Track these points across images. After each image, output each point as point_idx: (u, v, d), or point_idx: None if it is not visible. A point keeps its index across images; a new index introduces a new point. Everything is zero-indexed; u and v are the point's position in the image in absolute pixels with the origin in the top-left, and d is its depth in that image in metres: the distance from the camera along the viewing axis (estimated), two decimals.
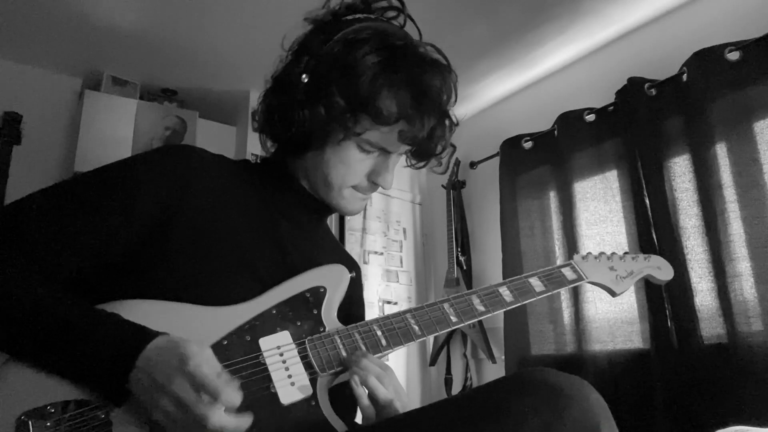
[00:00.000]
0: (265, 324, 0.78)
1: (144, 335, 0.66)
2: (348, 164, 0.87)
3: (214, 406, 0.60)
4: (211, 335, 0.74)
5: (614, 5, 2.06)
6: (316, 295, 0.84)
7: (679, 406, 1.71)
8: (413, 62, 0.84)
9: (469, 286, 2.54)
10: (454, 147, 0.96)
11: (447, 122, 0.90)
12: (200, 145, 2.73)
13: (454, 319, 0.89)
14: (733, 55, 1.78)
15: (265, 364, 0.75)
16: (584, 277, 1.04)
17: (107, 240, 0.75)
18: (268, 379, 0.74)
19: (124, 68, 2.49)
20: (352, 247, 2.66)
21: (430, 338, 2.79)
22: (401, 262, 2.87)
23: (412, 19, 0.92)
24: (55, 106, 2.48)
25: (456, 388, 2.60)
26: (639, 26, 2.20)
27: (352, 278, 0.90)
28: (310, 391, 0.75)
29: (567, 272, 1.03)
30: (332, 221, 2.65)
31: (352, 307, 0.99)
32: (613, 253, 1.11)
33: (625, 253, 1.12)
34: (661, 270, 1.13)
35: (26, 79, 2.43)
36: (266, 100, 0.90)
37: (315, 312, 0.82)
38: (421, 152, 0.93)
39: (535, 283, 0.98)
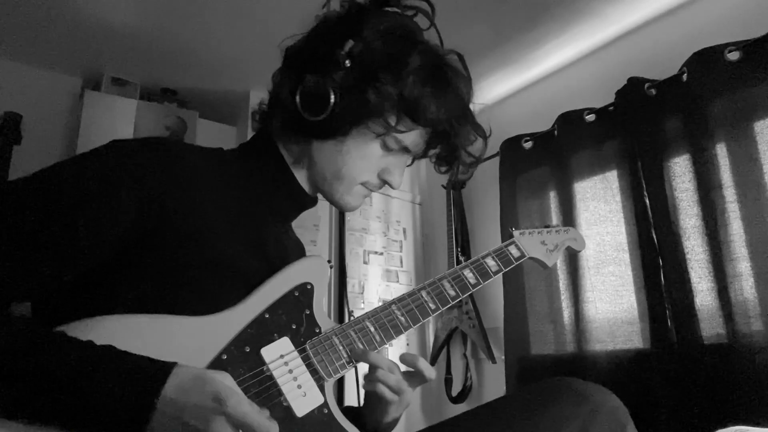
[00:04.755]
0: (261, 331, 0.74)
1: (157, 373, 0.58)
2: (367, 160, 0.85)
3: None
4: (207, 350, 0.69)
5: (614, 5, 2.06)
6: (305, 292, 0.81)
7: (679, 406, 1.71)
8: (453, 69, 0.86)
9: None
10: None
11: (479, 132, 0.92)
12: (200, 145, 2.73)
13: (432, 306, 0.89)
14: (733, 55, 1.77)
15: (273, 377, 0.72)
16: (526, 254, 1.08)
17: (75, 258, 0.66)
18: (280, 393, 0.71)
19: (124, 68, 2.49)
20: (352, 247, 2.66)
21: (430, 338, 2.79)
22: (401, 262, 2.87)
23: (436, 28, 0.91)
24: (55, 106, 2.48)
25: (456, 388, 2.60)
26: (639, 26, 2.20)
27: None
28: (321, 399, 0.74)
29: (512, 250, 1.06)
30: (332, 220, 2.65)
31: None
32: (542, 227, 1.17)
33: (546, 225, 1.18)
34: (577, 241, 1.22)
35: (26, 79, 2.43)
36: (294, 75, 0.82)
37: (308, 312, 0.80)
38: (452, 159, 0.93)
39: (491, 263, 1.00)
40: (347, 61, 0.79)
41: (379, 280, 2.72)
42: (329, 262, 0.89)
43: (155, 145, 0.75)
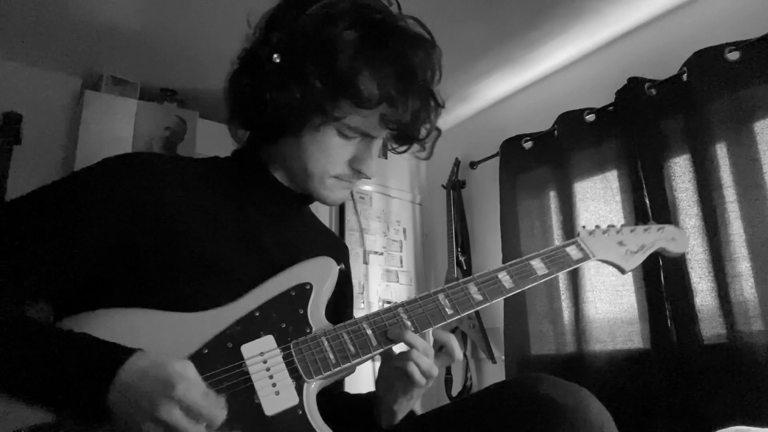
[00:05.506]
0: (247, 328, 0.73)
1: (117, 355, 0.62)
2: (328, 152, 0.81)
3: (204, 428, 0.60)
4: (190, 344, 0.70)
5: (614, 5, 2.06)
6: (302, 293, 0.78)
7: (679, 406, 1.71)
8: (395, 38, 0.78)
9: None
10: (439, 131, 0.88)
11: (432, 104, 0.83)
12: (200, 145, 2.75)
13: (449, 311, 0.82)
14: (733, 55, 1.77)
15: (248, 373, 0.71)
16: (591, 256, 0.95)
17: (61, 270, 0.71)
18: (252, 389, 0.70)
19: (124, 68, 2.49)
20: (352, 247, 2.66)
21: (430, 338, 2.78)
22: (401, 262, 2.87)
23: None
24: (55, 106, 2.48)
25: (456, 388, 2.60)
26: (639, 26, 2.19)
27: (341, 270, 0.84)
28: (296, 400, 0.71)
29: (572, 251, 0.95)
30: (332, 221, 2.65)
31: (341, 299, 0.93)
32: (623, 226, 1.02)
33: (637, 224, 1.03)
34: (676, 241, 1.02)
35: (26, 79, 2.43)
36: (233, 83, 0.83)
37: (301, 312, 0.77)
38: (404, 136, 0.85)
39: (537, 265, 0.90)
40: (275, 56, 0.76)
41: (379, 280, 2.72)
42: (339, 264, 0.85)
43: (138, 159, 0.79)
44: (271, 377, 0.72)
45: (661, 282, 1.84)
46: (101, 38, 2.26)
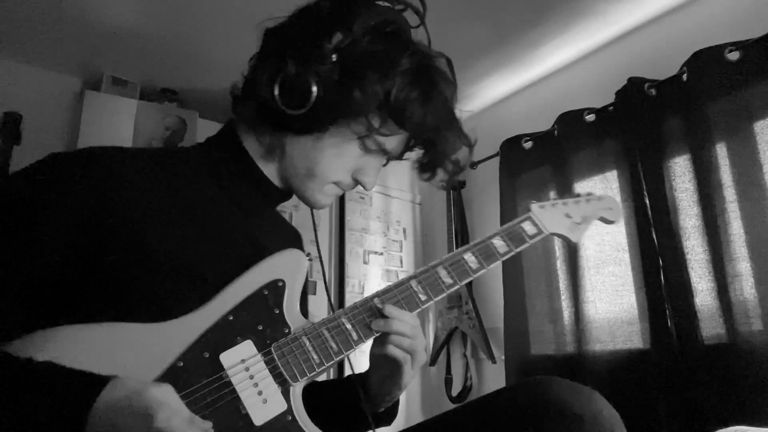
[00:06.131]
0: (223, 335, 0.69)
1: (90, 388, 0.57)
2: (342, 159, 0.81)
3: None
4: (163, 357, 0.65)
5: (614, 5, 2.06)
6: (275, 290, 0.75)
7: (679, 406, 1.71)
8: (443, 76, 0.83)
9: (468, 285, 2.53)
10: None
11: (464, 140, 0.89)
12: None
13: (422, 297, 0.82)
14: (733, 55, 1.77)
15: (231, 384, 0.67)
16: (544, 231, 0.99)
17: (13, 289, 0.65)
18: (237, 400, 0.67)
19: (124, 68, 2.49)
20: (352, 247, 2.66)
21: (431, 338, 2.79)
22: (401, 262, 2.87)
23: (426, 28, 0.88)
24: (55, 106, 2.47)
25: (456, 388, 2.60)
26: (639, 26, 2.19)
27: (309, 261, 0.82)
28: (284, 406, 0.69)
29: (527, 227, 0.97)
30: (332, 221, 2.65)
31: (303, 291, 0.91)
32: (568, 197, 1.07)
33: (578, 195, 1.08)
34: (612, 211, 1.08)
35: (26, 79, 2.43)
36: (274, 62, 0.78)
37: (277, 311, 0.74)
38: (437, 166, 0.89)
39: (498, 243, 0.92)
40: (334, 55, 0.75)
41: (379, 280, 2.72)
42: (308, 255, 0.82)
43: (89, 156, 0.73)
44: (255, 385, 0.69)
45: (661, 282, 1.84)
46: (101, 38, 2.26)
